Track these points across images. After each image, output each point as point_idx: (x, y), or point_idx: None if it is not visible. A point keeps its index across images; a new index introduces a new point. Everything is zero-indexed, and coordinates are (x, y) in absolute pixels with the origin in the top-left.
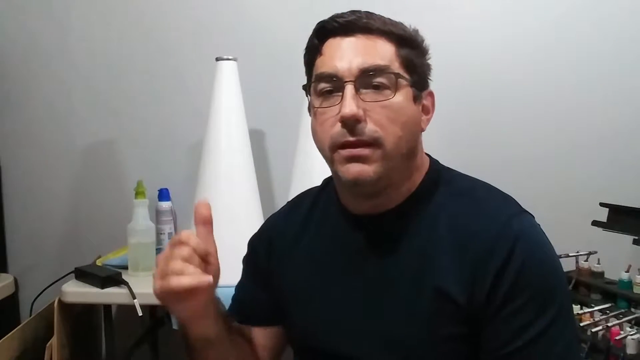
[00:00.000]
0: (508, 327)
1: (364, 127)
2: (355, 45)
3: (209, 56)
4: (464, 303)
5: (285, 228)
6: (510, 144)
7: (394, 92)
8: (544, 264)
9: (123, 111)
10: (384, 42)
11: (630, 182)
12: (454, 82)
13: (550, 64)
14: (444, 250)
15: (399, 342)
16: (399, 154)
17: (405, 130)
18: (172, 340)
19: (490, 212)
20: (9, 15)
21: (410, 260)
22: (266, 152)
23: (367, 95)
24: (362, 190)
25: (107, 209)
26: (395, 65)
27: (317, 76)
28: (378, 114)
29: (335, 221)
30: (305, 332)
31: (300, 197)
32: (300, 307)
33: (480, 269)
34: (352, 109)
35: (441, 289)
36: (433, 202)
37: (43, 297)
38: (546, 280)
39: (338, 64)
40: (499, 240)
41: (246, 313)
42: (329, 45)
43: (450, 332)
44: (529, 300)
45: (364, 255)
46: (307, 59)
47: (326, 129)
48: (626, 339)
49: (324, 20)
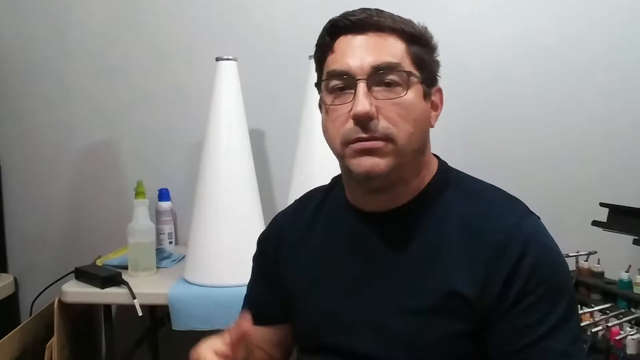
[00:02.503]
0: (520, 324)
1: (376, 124)
2: (366, 42)
3: (209, 56)
4: (475, 300)
5: (293, 225)
6: (510, 144)
7: (406, 90)
8: (554, 262)
9: (123, 111)
10: (395, 40)
11: (630, 182)
12: (454, 82)
13: (550, 64)
14: (453, 249)
15: (407, 339)
16: (411, 150)
17: (417, 126)
18: (172, 340)
19: (500, 213)
20: (9, 15)
21: (418, 257)
22: (266, 152)
23: (379, 92)
24: (373, 185)
25: (107, 209)
26: (406, 63)
27: (329, 73)
28: (390, 111)
29: (344, 218)
30: (312, 328)
31: (308, 195)
32: (308, 303)
33: (492, 267)
34: (365, 106)
35: (451, 286)
36: (442, 201)
37: (43, 297)
38: (556, 278)
39: (350, 61)
40: (511, 240)
41: (258, 314)
42: (341, 43)
43: (458, 329)
44: (540, 297)
45: (372, 252)
46: (318, 56)
47: (338, 126)
48: (626, 339)
49: (335, 18)
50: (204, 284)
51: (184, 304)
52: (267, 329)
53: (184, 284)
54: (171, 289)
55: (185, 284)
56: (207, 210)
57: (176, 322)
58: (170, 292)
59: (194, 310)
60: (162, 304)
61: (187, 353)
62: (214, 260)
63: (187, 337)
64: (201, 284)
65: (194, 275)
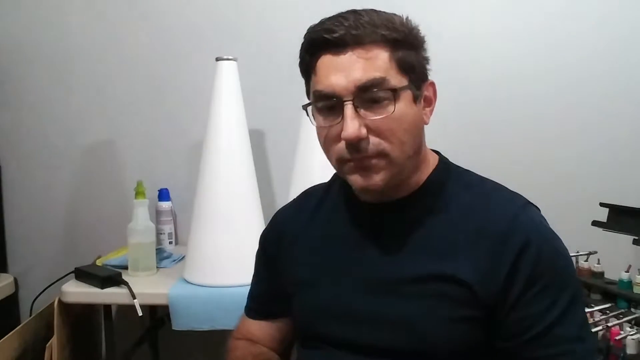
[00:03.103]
0: (527, 314)
1: (367, 144)
2: (348, 61)
3: (209, 56)
4: (477, 287)
5: (294, 219)
6: (510, 144)
7: (394, 104)
8: (557, 250)
9: (123, 111)
10: (378, 51)
11: (630, 182)
12: (454, 81)
13: (551, 63)
14: (454, 237)
15: (408, 327)
16: (405, 158)
17: (409, 135)
18: (172, 340)
19: (501, 203)
20: (8, 15)
21: (419, 246)
22: (266, 152)
23: (367, 111)
24: (371, 196)
25: (107, 209)
26: (391, 73)
27: (315, 95)
28: (379, 127)
29: (345, 209)
30: (313, 317)
31: (309, 190)
32: (308, 293)
33: (495, 257)
34: (355, 130)
35: (451, 273)
36: (444, 192)
37: (43, 297)
38: (559, 267)
39: (334, 82)
40: (513, 229)
41: (260, 308)
42: (322, 64)
43: (459, 315)
44: (546, 285)
45: (372, 242)
46: (301, 71)
47: (330, 146)
48: (626, 339)
49: (312, 32)
50: (204, 284)
51: (184, 304)
52: (268, 322)
53: (184, 284)
54: (171, 289)
55: (185, 284)
56: (207, 210)
57: (176, 322)
58: (170, 292)
59: (194, 310)
60: (162, 304)
61: (187, 353)
62: (214, 260)
63: (187, 337)
64: (201, 284)
65: (194, 275)
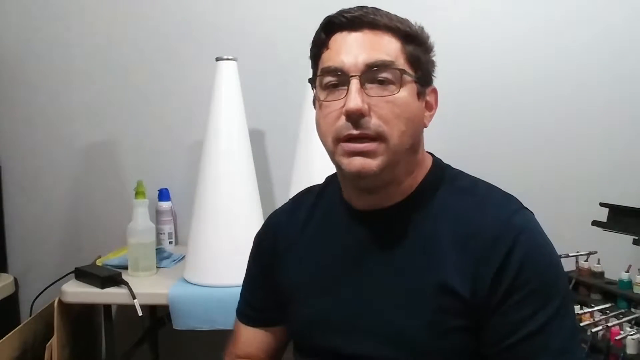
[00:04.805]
0: (509, 320)
1: (368, 122)
2: (361, 40)
3: (209, 56)
4: (468, 297)
5: (288, 224)
6: (510, 144)
7: (399, 88)
8: (544, 258)
9: (123, 111)
10: (390, 38)
11: (630, 182)
12: (454, 82)
13: (551, 64)
14: (446, 246)
15: (401, 337)
16: (403, 149)
17: (409, 125)
18: (172, 340)
19: (491, 209)
20: (9, 15)
21: (412, 255)
22: (266, 152)
23: (372, 90)
24: (364, 184)
25: (107, 209)
26: (400, 61)
27: (323, 70)
28: (382, 108)
29: (338, 217)
30: (307, 327)
31: (303, 194)
32: (302, 302)
33: (482, 263)
34: (357, 103)
35: (445, 283)
36: (436, 199)
37: (43, 297)
38: (546, 275)
39: (344, 58)
40: (501, 235)
41: (253, 316)
42: (336, 40)
43: (453, 326)
44: (529, 294)
45: (366, 250)
46: (313, 52)
47: (330, 122)
48: (626, 339)
49: (331, 15)
50: (204, 284)
51: (184, 304)
52: (259, 331)
53: (184, 284)
54: (171, 289)
55: (185, 284)
56: (207, 210)
57: (176, 322)
58: (170, 292)
59: (194, 310)
60: (162, 304)
61: (187, 353)
62: (214, 260)
63: (187, 337)
64: (201, 284)
65: (194, 275)
